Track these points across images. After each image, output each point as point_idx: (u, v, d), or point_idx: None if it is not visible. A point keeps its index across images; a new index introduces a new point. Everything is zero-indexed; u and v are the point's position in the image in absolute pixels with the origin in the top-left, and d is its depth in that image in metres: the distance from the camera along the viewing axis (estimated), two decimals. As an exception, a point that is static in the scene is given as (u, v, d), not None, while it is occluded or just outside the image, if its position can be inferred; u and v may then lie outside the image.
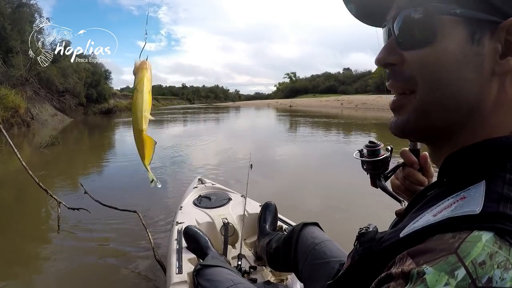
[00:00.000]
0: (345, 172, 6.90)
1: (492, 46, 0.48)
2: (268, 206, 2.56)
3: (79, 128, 21.66)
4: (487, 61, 0.48)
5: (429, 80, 0.51)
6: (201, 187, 3.52)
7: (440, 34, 0.49)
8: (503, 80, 0.49)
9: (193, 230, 2.32)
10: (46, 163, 9.07)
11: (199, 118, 31.71)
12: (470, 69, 0.48)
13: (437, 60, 0.50)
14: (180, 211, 2.92)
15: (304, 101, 75.35)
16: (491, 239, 0.36)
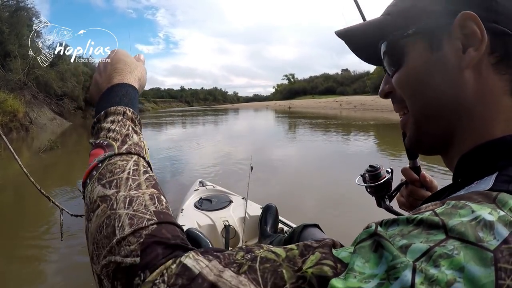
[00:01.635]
0: (345, 173, 6.92)
1: (452, 45, 0.52)
2: (269, 208, 2.56)
3: (78, 132, 21.60)
4: (452, 61, 0.52)
5: (409, 95, 0.58)
6: (202, 189, 3.52)
7: (405, 55, 0.57)
8: (476, 71, 0.51)
9: (194, 233, 2.32)
10: (45, 168, 9.07)
11: (198, 121, 31.73)
12: (438, 74, 0.54)
13: (408, 76, 0.57)
14: (181, 213, 2.92)
15: (302, 102, 75.42)
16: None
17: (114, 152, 0.59)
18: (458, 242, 0.34)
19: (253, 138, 16.13)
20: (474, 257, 0.33)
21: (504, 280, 0.32)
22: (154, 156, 10.35)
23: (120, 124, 0.64)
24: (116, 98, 0.68)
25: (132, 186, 0.54)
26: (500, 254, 0.33)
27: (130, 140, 0.62)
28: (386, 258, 0.35)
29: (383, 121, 23.11)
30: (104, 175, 0.56)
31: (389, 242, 0.36)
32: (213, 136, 17.24)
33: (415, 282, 0.32)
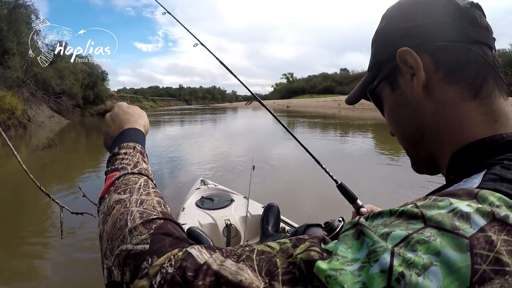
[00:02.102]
0: (344, 171, 6.91)
1: (405, 80, 0.60)
2: (270, 208, 2.54)
3: (77, 130, 21.56)
4: (408, 93, 0.60)
5: (394, 131, 0.70)
6: (203, 188, 3.51)
7: (381, 102, 0.70)
8: (429, 92, 0.58)
9: (196, 231, 2.30)
10: (43, 165, 9.03)
11: (196, 119, 31.69)
12: (403, 108, 0.63)
13: (387, 118, 0.69)
14: (183, 212, 2.91)
15: (301, 101, 75.50)
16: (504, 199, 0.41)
17: (127, 171, 0.70)
18: (435, 230, 0.38)
19: (252, 136, 16.16)
20: (450, 243, 0.36)
21: (480, 265, 0.34)
22: (154, 154, 10.35)
23: (131, 154, 0.75)
24: (128, 137, 0.80)
25: (143, 193, 0.63)
26: (476, 241, 0.36)
27: (140, 166, 0.73)
28: (367, 243, 0.38)
29: (381, 120, 23.06)
30: (119, 187, 0.65)
31: (370, 230, 0.40)
32: (212, 135, 17.26)
33: (393, 264, 0.35)
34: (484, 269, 0.34)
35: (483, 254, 0.35)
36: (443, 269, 0.35)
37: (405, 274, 0.35)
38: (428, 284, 0.34)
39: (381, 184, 6.26)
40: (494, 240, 0.36)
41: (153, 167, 8.44)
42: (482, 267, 0.34)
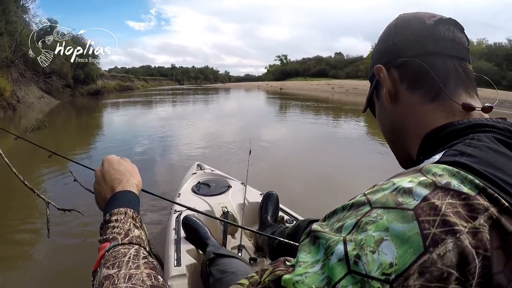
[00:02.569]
0: (345, 157, 6.90)
1: (383, 91, 0.73)
2: (269, 196, 2.49)
3: (67, 110, 21.20)
4: (385, 101, 0.73)
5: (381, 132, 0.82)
6: (200, 173, 3.45)
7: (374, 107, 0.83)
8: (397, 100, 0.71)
9: (193, 219, 2.25)
10: (33, 148, 8.80)
11: (189, 99, 31.44)
12: (383, 113, 0.78)
13: (378, 121, 0.82)
14: (178, 198, 2.85)
15: (294, 84, 75.15)
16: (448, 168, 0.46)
17: (118, 242, 0.68)
18: (380, 210, 0.41)
19: (246, 119, 15.97)
20: (396, 218, 0.39)
21: (429, 230, 0.38)
22: (146, 135, 10.25)
23: (122, 221, 0.74)
24: (119, 202, 0.79)
25: (132, 267, 0.61)
26: (421, 210, 0.39)
27: (131, 234, 0.72)
28: (322, 244, 0.42)
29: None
30: (108, 260, 0.63)
31: (323, 232, 0.44)
32: (204, 116, 17.12)
33: (347, 250, 0.39)
34: (434, 232, 0.38)
35: (429, 220, 0.38)
36: (395, 241, 0.38)
37: (360, 255, 0.38)
38: (384, 258, 0.37)
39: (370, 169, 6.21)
40: (438, 205, 0.40)
41: (145, 148, 8.39)
42: (431, 231, 0.38)
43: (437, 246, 0.37)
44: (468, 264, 0.37)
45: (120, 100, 26.96)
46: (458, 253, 0.37)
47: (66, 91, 29.96)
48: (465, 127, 0.58)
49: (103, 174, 0.88)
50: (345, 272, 0.38)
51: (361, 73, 74.65)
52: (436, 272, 0.36)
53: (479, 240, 0.38)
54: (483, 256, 0.38)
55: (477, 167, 0.45)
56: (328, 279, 0.38)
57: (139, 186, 0.90)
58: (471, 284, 0.37)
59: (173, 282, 1.82)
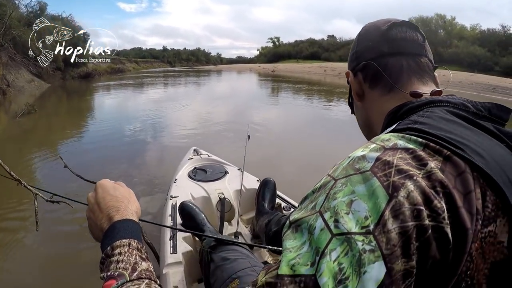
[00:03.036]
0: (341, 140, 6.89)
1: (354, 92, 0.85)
2: (267, 183, 2.46)
3: (57, 94, 20.87)
4: (355, 100, 0.86)
5: None
6: (196, 158, 3.41)
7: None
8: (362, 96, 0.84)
9: (190, 206, 2.22)
10: (24, 133, 8.74)
11: (180, 82, 31.20)
12: (357, 111, 0.90)
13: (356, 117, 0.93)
14: (175, 184, 2.82)
15: (287, 66, 74.83)
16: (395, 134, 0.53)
17: (126, 279, 0.64)
18: (343, 179, 0.47)
19: (240, 102, 15.91)
20: (358, 181, 0.45)
21: (388, 180, 0.43)
22: (139, 118, 10.17)
23: (127, 254, 0.69)
24: (120, 233, 0.73)
25: None
26: (376, 168, 0.46)
27: (139, 267, 0.68)
28: (304, 227, 0.46)
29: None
30: None
31: (301, 218, 0.47)
32: (196, 99, 17.07)
33: (325, 219, 0.43)
34: (393, 180, 0.43)
35: (386, 173, 0.44)
36: (363, 199, 0.43)
37: (337, 219, 0.42)
38: (358, 215, 0.42)
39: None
40: (390, 160, 0.46)
41: (138, 132, 8.33)
42: (390, 180, 0.43)
43: (399, 190, 0.43)
44: (431, 201, 0.43)
45: (111, 83, 26.67)
46: (420, 192, 0.43)
47: (57, 74, 29.42)
48: (422, 103, 0.65)
49: (97, 201, 0.83)
50: (329, 237, 0.42)
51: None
52: (407, 211, 0.41)
53: (434, 180, 0.44)
54: (443, 193, 0.44)
55: (427, 130, 0.51)
56: (316, 249, 0.42)
57: (138, 213, 0.86)
58: (443, 218, 0.42)
59: (169, 270, 1.80)
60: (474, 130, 0.55)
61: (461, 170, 0.46)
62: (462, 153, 0.47)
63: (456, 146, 0.48)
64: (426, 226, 0.41)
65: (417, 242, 0.41)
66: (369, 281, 0.38)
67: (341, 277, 0.39)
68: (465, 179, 0.46)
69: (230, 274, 1.44)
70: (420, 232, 0.41)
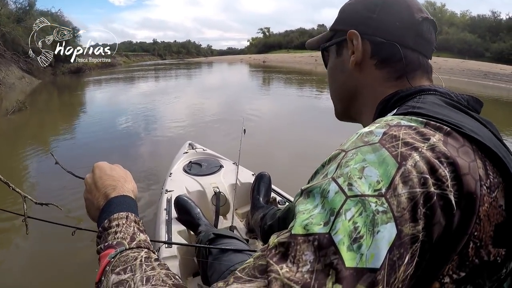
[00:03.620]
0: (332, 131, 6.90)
1: (347, 53, 0.79)
2: (262, 177, 2.46)
3: (48, 90, 20.67)
4: (346, 63, 0.79)
5: (329, 84, 0.90)
6: (191, 152, 3.41)
7: (327, 60, 0.89)
8: (360, 69, 0.77)
9: (185, 200, 2.23)
10: (15, 131, 8.70)
11: (171, 75, 31.05)
12: (340, 71, 0.83)
13: (328, 72, 0.88)
14: (170, 178, 2.82)
15: (277, 56, 74.57)
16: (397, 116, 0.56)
17: (125, 247, 0.64)
18: (354, 149, 0.49)
19: (231, 94, 15.87)
20: (368, 150, 0.48)
21: (396, 150, 0.46)
22: (130, 112, 10.11)
23: (125, 225, 0.69)
24: (117, 207, 0.73)
25: (147, 269, 0.57)
26: (384, 141, 0.48)
27: (138, 237, 0.68)
28: (316, 191, 0.47)
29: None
30: (117, 266, 0.59)
31: (313, 185, 0.49)
32: (188, 91, 17.00)
33: (339, 183, 0.45)
34: (401, 151, 0.46)
35: (393, 145, 0.47)
36: (374, 165, 0.45)
37: (351, 183, 0.44)
38: (370, 179, 0.44)
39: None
40: (396, 134, 0.49)
41: (130, 126, 8.29)
42: (398, 151, 0.46)
43: (407, 159, 0.45)
44: (436, 170, 0.45)
45: (103, 77, 26.48)
46: (425, 162, 0.45)
47: (48, 70, 29.02)
48: (412, 92, 0.68)
49: (94, 181, 0.83)
50: (344, 198, 0.43)
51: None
52: (415, 178, 0.44)
53: (438, 152, 0.47)
54: (447, 163, 0.46)
55: (426, 113, 0.55)
56: (331, 210, 0.43)
57: (135, 192, 0.85)
58: (447, 185, 0.45)
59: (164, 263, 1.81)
60: (463, 115, 0.60)
61: (461, 143, 0.50)
62: (461, 129, 0.51)
63: (454, 124, 0.52)
64: (432, 193, 0.44)
65: (424, 208, 0.43)
66: (382, 240, 0.41)
67: (356, 235, 0.41)
68: (466, 151, 0.50)
69: (228, 267, 1.45)
70: (426, 199, 0.44)
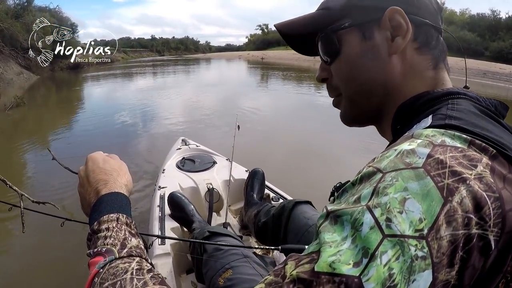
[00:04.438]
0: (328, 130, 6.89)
1: (382, 35, 0.64)
2: (255, 173, 2.45)
3: (46, 85, 20.68)
4: (382, 48, 0.64)
5: (345, 81, 0.70)
6: (184, 148, 3.39)
7: (342, 46, 0.68)
8: (402, 55, 0.64)
9: (178, 196, 2.21)
10: (13, 126, 8.74)
11: (169, 71, 30.98)
12: (370, 60, 0.65)
13: (347, 65, 0.68)
14: (163, 174, 2.80)
15: (276, 53, 74.46)
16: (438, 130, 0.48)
17: (114, 256, 0.60)
18: (393, 172, 0.42)
19: (229, 90, 15.84)
20: (410, 177, 0.41)
21: (442, 182, 0.40)
22: (127, 108, 10.09)
23: (116, 229, 0.65)
24: (107, 207, 0.69)
25: (138, 285, 0.53)
26: (429, 166, 0.42)
27: (129, 243, 0.64)
28: (346, 219, 0.41)
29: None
30: (106, 279, 0.55)
31: (342, 209, 0.42)
32: (185, 88, 16.95)
33: (376, 216, 0.39)
34: (447, 183, 0.40)
35: (439, 173, 0.41)
36: (417, 198, 0.39)
37: (390, 218, 0.38)
38: (412, 216, 0.38)
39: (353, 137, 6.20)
40: (443, 159, 0.42)
41: (126, 121, 8.28)
42: (445, 182, 0.40)
43: (454, 194, 0.39)
44: (482, 208, 0.40)
45: (101, 73, 26.36)
46: (472, 198, 0.40)
47: (46, 66, 29.13)
48: (441, 94, 0.61)
49: (87, 174, 0.79)
50: (380, 237, 0.38)
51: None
52: (459, 218, 0.39)
53: (485, 184, 0.41)
54: (494, 198, 0.41)
55: (465, 127, 0.48)
56: (364, 249, 0.38)
57: (129, 186, 0.81)
58: (489, 225, 0.40)
59: (158, 261, 1.80)
60: (498, 126, 0.54)
61: (507, 169, 0.45)
62: (507, 152, 0.46)
63: (499, 145, 0.46)
64: (473, 235, 0.39)
65: (462, 251, 0.39)
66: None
67: (390, 283, 0.36)
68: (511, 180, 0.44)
69: (224, 264, 1.43)
70: (466, 242, 0.39)
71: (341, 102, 0.75)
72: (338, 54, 0.69)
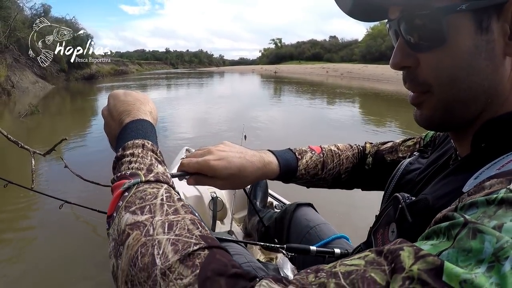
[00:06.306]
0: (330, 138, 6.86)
1: (500, 29, 0.47)
2: (259, 182, 2.46)
3: (61, 95, 21.00)
4: (498, 46, 0.48)
5: (445, 81, 0.52)
6: None
7: (450, 34, 0.49)
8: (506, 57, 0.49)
9: None
10: (27, 133, 8.86)
11: (182, 83, 31.29)
12: (483, 58, 0.49)
13: (452, 60, 0.50)
14: None
15: (289, 67, 74.88)
16: None
17: (141, 179, 0.54)
18: None
19: (241, 103, 15.96)
20: None
21: None
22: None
23: (141, 155, 0.59)
24: (132, 133, 0.64)
25: (169, 211, 0.48)
26: None
27: (155, 169, 0.58)
28: (490, 241, 0.33)
29: (369, 90, 23.15)
30: (133, 202, 0.50)
31: (485, 226, 0.34)
32: (198, 100, 17.09)
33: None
34: None
35: None
36: None
37: None
38: None
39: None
40: None
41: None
42: None
43: None
44: None
45: (115, 84, 26.81)
46: None
47: (61, 76, 29.62)
48: None
49: (110, 111, 0.74)
50: None
51: (356, 56, 73.68)
52: None
53: None
54: None
55: None
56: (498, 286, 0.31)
57: (154, 114, 0.76)
58: None
59: None
60: None
61: None
62: None
63: None
64: None
65: None
66: None
67: None
68: None
69: None
70: None
71: (426, 102, 0.57)
72: (443, 42, 0.50)
